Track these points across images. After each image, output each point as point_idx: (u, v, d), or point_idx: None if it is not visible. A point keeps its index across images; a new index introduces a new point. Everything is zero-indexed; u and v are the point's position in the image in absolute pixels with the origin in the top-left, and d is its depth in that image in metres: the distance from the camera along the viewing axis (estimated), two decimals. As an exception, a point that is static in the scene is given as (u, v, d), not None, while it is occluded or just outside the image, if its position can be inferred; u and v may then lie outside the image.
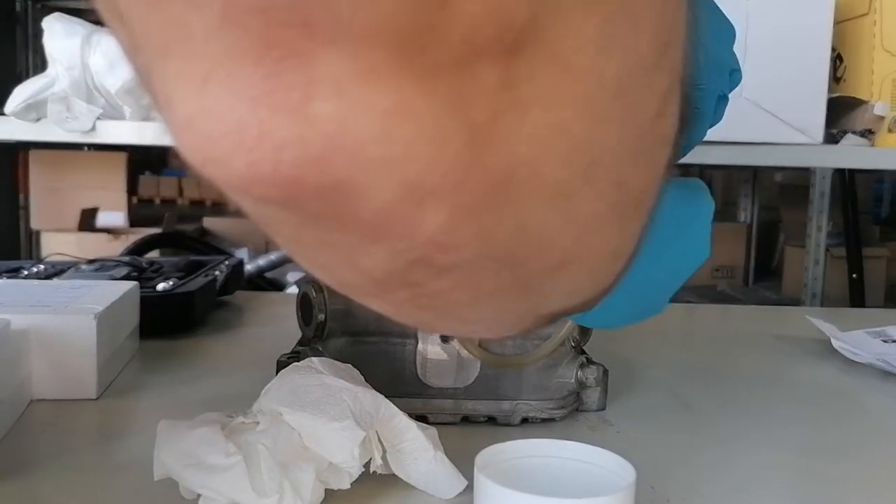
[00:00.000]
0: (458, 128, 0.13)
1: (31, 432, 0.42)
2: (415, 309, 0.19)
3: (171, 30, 0.13)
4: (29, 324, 0.44)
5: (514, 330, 0.21)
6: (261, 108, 0.13)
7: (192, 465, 0.32)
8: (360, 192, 0.14)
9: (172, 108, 0.14)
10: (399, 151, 0.13)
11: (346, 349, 0.43)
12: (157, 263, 0.72)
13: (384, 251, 0.16)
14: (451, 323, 0.21)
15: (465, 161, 0.14)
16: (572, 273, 0.18)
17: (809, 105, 0.99)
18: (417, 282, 0.17)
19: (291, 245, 0.17)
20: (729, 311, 0.80)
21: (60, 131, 1.10)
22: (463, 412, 0.43)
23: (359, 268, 0.17)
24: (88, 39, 1.10)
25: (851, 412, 0.51)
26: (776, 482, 0.39)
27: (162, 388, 0.49)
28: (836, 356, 0.60)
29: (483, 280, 0.17)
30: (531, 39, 0.13)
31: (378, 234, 0.15)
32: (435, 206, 0.14)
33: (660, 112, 0.16)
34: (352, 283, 0.18)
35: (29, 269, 0.68)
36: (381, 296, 0.18)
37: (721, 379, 0.55)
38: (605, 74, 0.14)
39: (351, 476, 0.33)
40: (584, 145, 0.15)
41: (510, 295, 0.18)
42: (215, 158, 0.14)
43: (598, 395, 0.46)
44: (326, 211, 0.14)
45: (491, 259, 0.16)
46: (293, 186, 0.14)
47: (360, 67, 0.12)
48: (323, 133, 0.13)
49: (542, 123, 0.14)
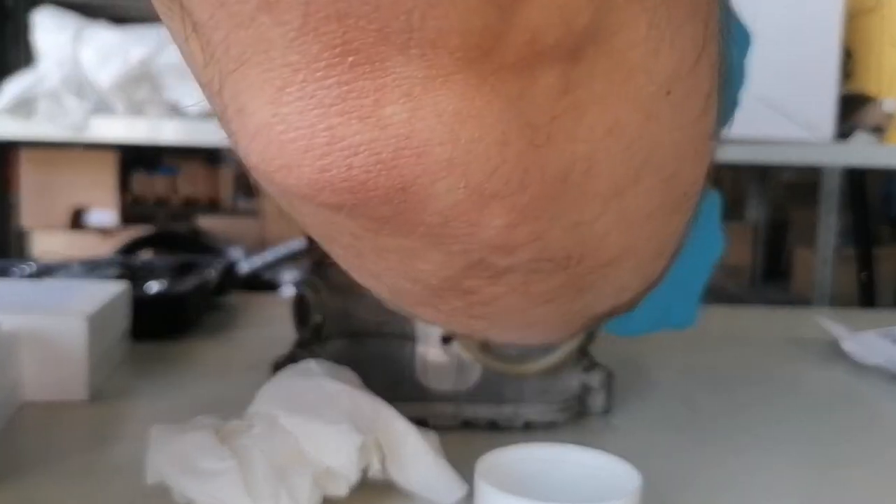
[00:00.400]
0: (520, 129, 0.14)
1: (22, 435, 0.41)
2: (467, 318, 0.19)
3: (251, 41, 0.13)
4: (19, 325, 0.44)
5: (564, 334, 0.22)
6: (333, 114, 0.13)
7: (186, 469, 0.32)
8: (425, 195, 0.14)
9: (245, 117, 0.14)
10: (464, 153, 0.14)
11: (343, 351, 0.42)
12: (149, 263, 0.72)
13: (443, 256, 0.16)
14: (502, 330, 0.21)
15: (525, 162, 0.14)
16: (623, 270, 0.19)
17: (819, 102, 0.99)
18: (472, 289, 0.17)
19: (349, 254, 0.18)
20: (736, 312, 0.80)
21: (51, 128, 1.09)
22: (464, 416, 0.43)
23: (415, 275, 0.17)
24: (79, 34, 1.09)
25: (863, 418, 0.50)
26: (785, 489, 0.39)
27: (154, 390, 0.49)
28: (846, 358, 0.59)
29: (537, 283, 0.17)
30: (590, 42, 0.13)
31: (439, 239, 0.15)
32: (496, 207, 0.15)
33: (704, 108, 0.17)
34: (406, 292, 0.18)
35: (19, 269, 0.67)
36: (434, 304, 0.19)
37: (729, 382, 0.55)
38: (656, 72, 0.15)
39: (349, 482, 0.33)
40: (637, 143, 0.16)
41: (563, 297, 0.19)
42: (287, 165, 0.14)
43: (603, 398, 0.45)
44: (391, 216, 0.15)
45: (546, 260, 0.17)
46: (362, 191, 0.14)
47: (429, 72, 0.13)
48: (393, 136, 0.13)
49: (598, 123, 0.15)
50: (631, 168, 0.16)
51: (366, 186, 0.14)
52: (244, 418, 0.35)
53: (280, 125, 0.13)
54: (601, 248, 0.17)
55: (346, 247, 0.17)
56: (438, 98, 0.13)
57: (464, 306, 0.18)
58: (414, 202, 0.14)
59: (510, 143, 0.14)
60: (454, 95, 0.13)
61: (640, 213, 0.17)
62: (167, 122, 1.16)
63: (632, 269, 0.19)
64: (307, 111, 0.13)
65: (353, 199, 0.14)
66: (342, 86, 0.13)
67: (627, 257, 0.18)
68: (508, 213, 0.15)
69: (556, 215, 0.16)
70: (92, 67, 1.08)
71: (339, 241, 0.17)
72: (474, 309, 0.18)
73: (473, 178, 0.14)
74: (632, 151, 0.16)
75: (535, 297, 0.18)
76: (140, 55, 1.08)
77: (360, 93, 0.13)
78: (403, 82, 0.13)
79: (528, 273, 0.17)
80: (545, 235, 0.16)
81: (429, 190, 0.14)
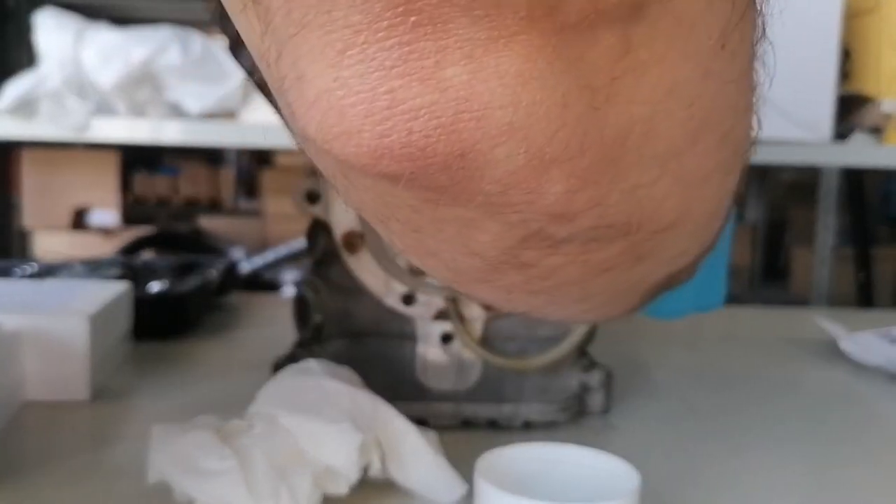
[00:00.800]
0: (579, 91, 0.14)
1: (23, 434, 0.41)
2: (525, 294, 0.19)
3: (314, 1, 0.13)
4: (21, 325, 0.44)
5: (622, 309, 0.21)
6: (394, 76, 0.13)
7: (187, 469, 0.32)
8: (484, 161, 0.14)
9: (304, 84, 0.14)
10: (524, 116, 0.13)
11: (343, 351, 0.42)
12: (150, 263, 0.72)
13: (501, 226, 0.16)
14: (560, 306, 0.21)
15: (584, 125, 0.14)
16: (680, 235, 0.19)
17: (817, 102, 0.99)
18: (530, 261, 0.17)
19: (407, 230, 0.17)
20: (735, 312, 0.80)
21: (53, 128, 1.09)
22: (463, 416, 0.43)
23: (474, 247, 0.17)
24: (81, 34, 1.10)
25: (860, 416, 0.50)
26: (784, 488, 0.39)
27: (155, 390, 0.49)
28: (845, 358, 0.59)
29: (596, 252, 0.17)
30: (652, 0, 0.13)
31: (498, 208, 0.15)
32: (556, 173, 0.14)
33: (752, 58, 0.17)
34: (464, 268, 0.18)
35: (21, 269, 0.67)
36: (492, 280, 0.18)
37: (728, 382, 0.55)
38: (711, 27, 0.14)
39: (349, 481, 0.33)
40: (697, 102, 0.15)
41: (621, 266, 0.18)
42: (346, 132, 0.14)
43: (602, 398, 0.45)
44: (450, 185, 0.14)
45: (606, 227, 0.16)
46: (421, 158, 0.14)
47: (491, 33, 0.13)
48: (454, 99, 0.13)
49: (659, 83, 0.14)
50: (690, 128, 0.16)
51: (425, 153, 0.14)
52: (245, 418, 0.35)
53: (341, 90, 0.13)
54: (660, 213, 0.17)
55: (404, 222, 0.17)
56: (500, 60, 0.13)
57: (522, 281, 0.18)
58: (473, 169, 0.14)
59: (570, 105, 0.14)
60: (516, 57, 0.13)
61: (698, 175, 0.17)
62: (168, 123, 1.16)
63: (689, 233, 0.19)
64: (368, 74, 0.13)
65: (412, 167, 0.14)
66: (403, 47, 0.13)
67: (685, 221, 0.18)
68: (568, 179, 0.15)
69: (616, 180, 0.15)
70: (93, 68, 1.08)
71: (395, 217, 0.17)
72: (533, 283, 0.18)
73: (534, 143, 0.14)
74: (691, 111, 0.15)
75: (593, 267, 0.18)
76: (141, 56, 1.09)
77: (421, 54, 0.13)
78: (465, 44, 0.13)
79: (587, 242, 0.17)
80: (604, 201, 0.16)
81: (488, 156, 0.14)
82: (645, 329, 0.70)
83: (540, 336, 0.43)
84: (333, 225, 0.41)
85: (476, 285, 0.19)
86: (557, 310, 0.21)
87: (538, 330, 0.43)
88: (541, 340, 0.42)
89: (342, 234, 0.41)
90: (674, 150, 0.16)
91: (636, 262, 0.19)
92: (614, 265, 0.18)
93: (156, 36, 1.11)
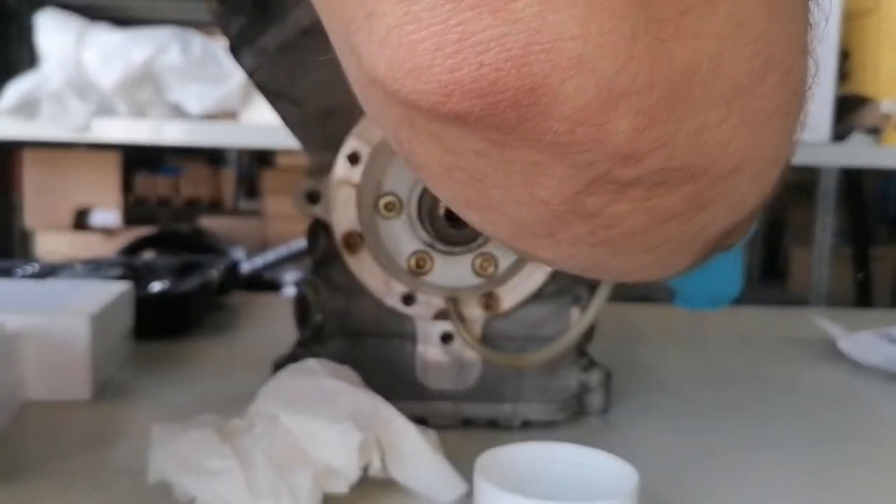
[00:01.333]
0: (647, 23, 0.14)
1: (25, 434, 0.41)
2: (589, 246, 0.19)
3: None
4: (22, 325, 0.44)
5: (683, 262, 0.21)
6: (465, 8, 0.13)
7: (187, 468, 0.32)
8: (553, 96, 0.14)
9: (373, 21, 0.14)
10: (594, 48, 0.13)
11: (343, 351, 0.42)
12: (151, 263, 0.72)
13: (567, 169, 0.16)
14: (624, 258, 0.20)
15: (653, 58, 0.14)
16: (743, 180, 0.18)
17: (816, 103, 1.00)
18: (595, 209, 0.17)
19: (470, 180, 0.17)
20: (734, 311, 0.80)
21: (54, 129, 1.09)
22: (463, 415, 0.43)
23: (539, 195, 0.17)
24: (82, 36, 1.10)
25: (859, 415, 0.50)
26: (783, 487, 0.39)
27: (156, 390, 0.49)
28: (843, 358, 0.60)
29: (661, 198, 0.17)
30: None
31: (565, 148, 0.15)
32: (624, 108, 0.14)
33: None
34: (526, 222, 0.18)
35: (22, 269, 0.67)
36: (555, 233, 0.18)
37: (726, 381, 0.55)
38: None
39: (349, 480, 0.33)
40: (762, 39, 0.15)
41: (685, 214, 0.18)
42: (417, 67, 0.14)
43: (601, 397, 0.46)
44: (518, 123, 0.14)
45: (672, 170, 0.16)
46: (491, 94, 0.14)
47: None
48: (525, 31, 0.13)
49: (728, 19, 0.14)
50: (755, 65, 0.16)
51: (495, 87, 0.14)
52: (245, 417, 0.35)
53: (411, 24, 0.13)
54: (724, 156, 0.17)
55: (468, 170, 0.17)
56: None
57: (586, 232, 0.18)
58: (542, 105, 0.14)
59: (638, 37, 0.14)
60: None
61: (762, 116, 0.17)
62: (169, 123, 1.16)
63: (750, 178, 0.19)
64: (439, 7, 0.13)
65: (481, 103, 0.14)
66: None
67: (748, 165, 0.18)
68: (636, 116, 0.15)
69: (683, 118, 0.15)
70: (94, 69, 1.08)
71: (459, 165, 0.17)
72: (597, 233, 0.18)
73: (602, 76, 0.14)
74: (756, 48, 0.15)
75: (658, 214, 0.18)
76: (142, 57, 1.09)
77: None
78: None
79: (652, 187, 0.17)
80: (671, 141, 0.16)
81: (557, 90, 0.14)
82: (644, 329, 0.70)
83: (539, 336, 0.43)
84: (334, 225, 0.41)
85: (538, 240, 0.19)
86: (621, 262, 0.21)
87: (537, 330, 0.43)
88: (539, 340, 0.43)
89: (342, 235, 0.41)
90: (739, 88, 0.16)
91: (700, 209, 0.18)
92: (679, 213, 0.18)
93: (156, 37, 1.11)
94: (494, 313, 0.42)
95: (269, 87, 0.41)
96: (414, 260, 0.41)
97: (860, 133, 1.09)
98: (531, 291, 0.42)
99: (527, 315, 0.43)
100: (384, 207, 0.41)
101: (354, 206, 0.41)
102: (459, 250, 0.41)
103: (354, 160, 0.40)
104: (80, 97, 1.08)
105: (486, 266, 0.41)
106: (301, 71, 0.40)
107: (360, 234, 0.41)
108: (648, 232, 0.18)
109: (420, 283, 0.41)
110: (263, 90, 0.41)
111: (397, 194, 0.40)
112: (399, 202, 0.40)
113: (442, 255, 0.41)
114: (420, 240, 0.41)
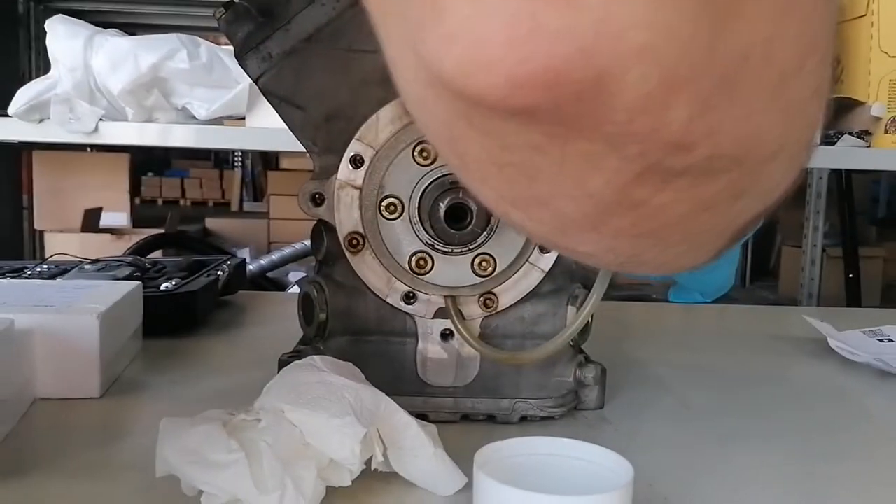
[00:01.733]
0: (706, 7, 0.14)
1: (35, 431, 0.42)
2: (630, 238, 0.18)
3: None
4: (32, 323, 0.44)
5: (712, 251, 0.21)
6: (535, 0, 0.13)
7: (194, 462, 0.32)
8: (616, 87, 0.14)
9: (443, 17, 0.14)
10: (658, 36, 0.13)
11: (347, 349, 0.43)
12: (159, 263, 0.73)
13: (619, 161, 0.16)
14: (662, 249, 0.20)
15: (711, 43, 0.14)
16: (777, 165, 0.18)
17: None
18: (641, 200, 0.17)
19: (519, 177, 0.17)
20: (726, 310, 0.80)
21: (63, 132, 1.10)
22: (462, 410, 0.44)
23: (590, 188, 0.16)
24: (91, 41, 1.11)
25: (849, 411, 0.51)
26: (774, 481, 0.40)
27: (164, 386, 0.50)
28: (833, 356, 0.60)
29: (704, 187, 0.17)
30: None
31: (622, 138, 0.15)
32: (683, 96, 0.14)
33: None
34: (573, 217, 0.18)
35: (33, 269, 0.68)
36: (599, 227, 0.18)
37: (719, 378, 0.55)
38: None
39: (352, 473, 0.33)
40: (807, 23, 0.15)
41: (723, 203, 0.18)
42: (485, 62, 0.14)
43: (597, 393, 0.46)
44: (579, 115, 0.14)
45: (718, 157, 0.16)
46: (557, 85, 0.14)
47: None
48: (592, 20, 0.13)
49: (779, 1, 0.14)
50: (799, 49, 0.16)
51: (562, 79, 0.14)
52: (251, 412, 0.35)
53: (481, 17, 0.13)
54: (765, 143, 0.17)
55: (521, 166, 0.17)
56: None
57: (629, 224, 0.18)
58: (606, 95, 0.14)
59: (698, 22, 0.13)
60: None
61: (799, 101, 0.17)
62: (176, 127, 1.17)
63: (785, 165, 0.19)
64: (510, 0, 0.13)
65: (547, 95, 0.14)
66: None
67: (783, 151, 0.18)
68: (692, 104, 0.15)
69: (732, 104, 0.15)
70: (103, 74, 1.10)
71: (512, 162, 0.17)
72: (640, 224, 0.18)
73: (665, 64, 0.14)
74: (801, 31, 0.15)
75: (699, 203, 0.18)
76: (150, 62, 1.10)
77: None
78: None
79: (698, 176, 0.16)
80: (720, 129, 0.15)
81: (620, 81, 0.14)
82: (638, 327, 0.71)
83: (536, 333, 0.44)
84: (337, 226, 0.42)
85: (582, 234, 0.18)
86: (658, 254, 0.21)
87: (534, 328, 0.44)
88: (536, 337, 0.43)
89: (345, 235, 0.42)
90: (783, 74, 0.16)
91: (737, 197, 0.18)
92: (718, 201, 0.18)
93: (164, 43, 1.12)
94: (493, 311, 0.43)
95: (275, 92, 0.41)
96: (414, 260, 0.42)
97: (851, 136, 1.09)
98: (528, 290, 0.43)
99: (524, 313, 0.43)
100: (386, 209, 0.41)
101: (357, 208, 0.42)
102: (459, 250, 0.42)
103: (357, 163, 0.41)
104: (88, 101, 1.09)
105: (485, 266, 0.42)
106: (305, 76, 0.40)
107: (362, 235, 0.42)
108: (688, 222, 0.18)
109: (420, 283, 0.42)
110: (269, 95, 0.42)
111: (398, 196, 0.41)
112: (400, 204, 0.41)
113: (442, 255, 0.42)
114: (420, 240, 0.42)
